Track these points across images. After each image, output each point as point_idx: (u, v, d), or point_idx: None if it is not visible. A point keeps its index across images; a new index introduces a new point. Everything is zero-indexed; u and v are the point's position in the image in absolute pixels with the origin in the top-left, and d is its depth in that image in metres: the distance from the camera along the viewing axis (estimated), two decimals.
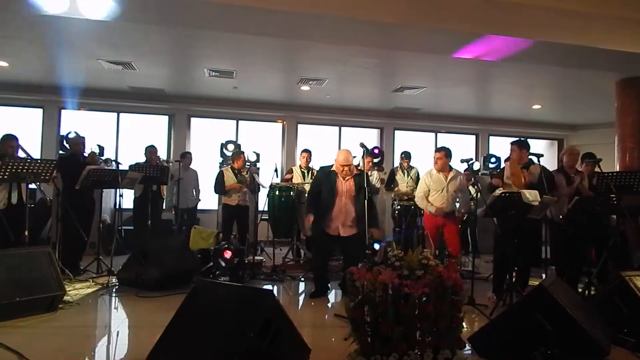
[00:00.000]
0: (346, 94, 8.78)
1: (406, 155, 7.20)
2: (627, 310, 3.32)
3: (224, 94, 8.87)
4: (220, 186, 6.26)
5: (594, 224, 4.84)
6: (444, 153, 5.28)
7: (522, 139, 5.06)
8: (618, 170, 6.11)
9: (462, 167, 6.60)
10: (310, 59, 6.70)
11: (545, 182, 4.45)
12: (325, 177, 4.72)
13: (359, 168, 4.96)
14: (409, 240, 6.42)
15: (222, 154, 8.25)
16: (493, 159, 8.87)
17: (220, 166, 8.03)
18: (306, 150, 6.96)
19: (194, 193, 7.61)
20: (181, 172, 7.16)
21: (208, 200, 7.98)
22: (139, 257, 4.95)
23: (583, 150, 5.52)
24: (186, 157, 7.57)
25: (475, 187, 5.43)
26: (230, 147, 8.26)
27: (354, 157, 4.92)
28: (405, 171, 7.13)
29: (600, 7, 5.16)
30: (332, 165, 4.77)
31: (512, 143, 4.89)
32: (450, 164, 5.38)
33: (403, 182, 7.03)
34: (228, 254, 5.16)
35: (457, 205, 5.32)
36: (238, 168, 6.35)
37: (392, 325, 2.46)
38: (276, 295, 4.84)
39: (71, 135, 6.12)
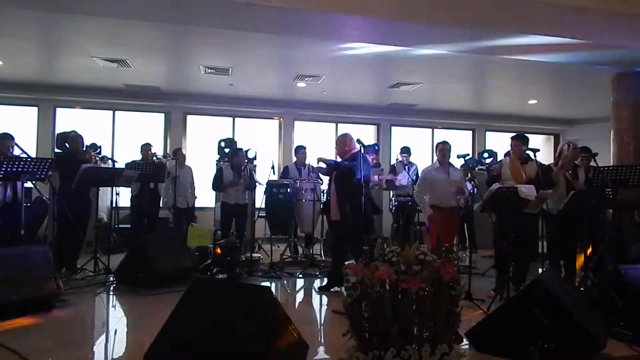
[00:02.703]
0: (343, 91, 8.77)
1: (405, 150, 7.19)
2: (622, 303, 3.33)
3: (220, 91, 8.84)
4: (218, 183, 6.24)
5: (590, 218, 4.87)
6: (449, 146, 5.30)
7: (522, 133, 5.07)
8: (614, 164, 6.13)
9: (458, 162, 6.61)
10: (307, 55, 6.69)
11: (541, 177, 4.48)
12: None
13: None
14: (406, 235, 6.43)
15: (221, 151, 8.21)
16: (486, 154, 8.86)
17: (217, 163, 8.00)
18: (301, 147, 6.93)
19: (191, 191, 7.53)
20: (177, 170, 7.11)
21: (205, 197, 7.97)
22: (136, 255, 4.94)
23: (579, 144, 5.53)
24: (178, 153, 7.43)
25: (473, 182, 5.44)
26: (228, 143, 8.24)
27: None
28: (406, 167, 7.12)
29: (596, 1, 5.16)
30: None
31: (513, 138, 4.90)
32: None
33: (404, 178, 7.03)
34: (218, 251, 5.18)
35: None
36: (237, 165, 6.32)
37: (389, 321, 2.46)
38: (274, 292, 4.86)
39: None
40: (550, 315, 2.82)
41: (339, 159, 5.07)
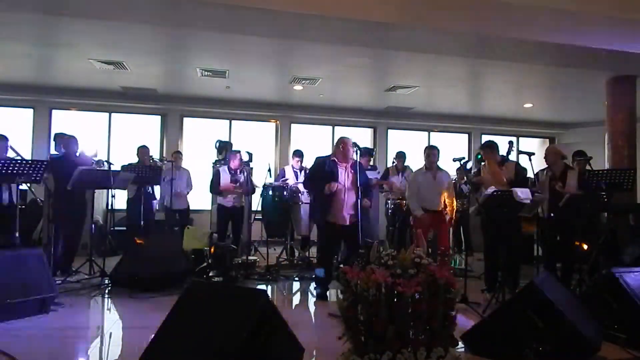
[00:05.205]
0: (339, 94, 8.78)
1: (400, 155, 7.20)
2: (617, 306, 3.35)
3: (216, 94, 8.83)
4: (216, 186, 6.22)
5: (584, 221, 4.90)
6: (436, 151, 5.33)
7: (487, 142, 5.12)
8: (608, 167, 6.17)
9: (454, 166, 6.63)
10: (303, 58, 6.70)
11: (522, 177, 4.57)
12: (328, 166, 4.67)
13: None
14: (402, 238, 6.44)
15: (220, 152, 8.15)
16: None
17: (213, 166, 7.98)
18: (298, 153, 6.92)
19: (185, 192, 7.45)
20: (173, 172, 7.08)
21: (201, 200, 7.94)
22: (132, 257, 4.92)
23: (574, 148, 5.57)
24: (174, 155, 7.36)
25: (468, 185, 5.47)
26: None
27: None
28: (400, 172, 7.14)
29: (591, 6, 5.21)
30: (329, 155, 4.80)
31: (479, 148, 5.02)
32: (439, 164, 5.41)
33: (397, 182, 7.03)
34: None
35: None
36: (234, 168, 6.30)
37: (385, 324, 2.46)
38: (270, 295, 4.84)
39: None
40: (545, 318, 2.83)
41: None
